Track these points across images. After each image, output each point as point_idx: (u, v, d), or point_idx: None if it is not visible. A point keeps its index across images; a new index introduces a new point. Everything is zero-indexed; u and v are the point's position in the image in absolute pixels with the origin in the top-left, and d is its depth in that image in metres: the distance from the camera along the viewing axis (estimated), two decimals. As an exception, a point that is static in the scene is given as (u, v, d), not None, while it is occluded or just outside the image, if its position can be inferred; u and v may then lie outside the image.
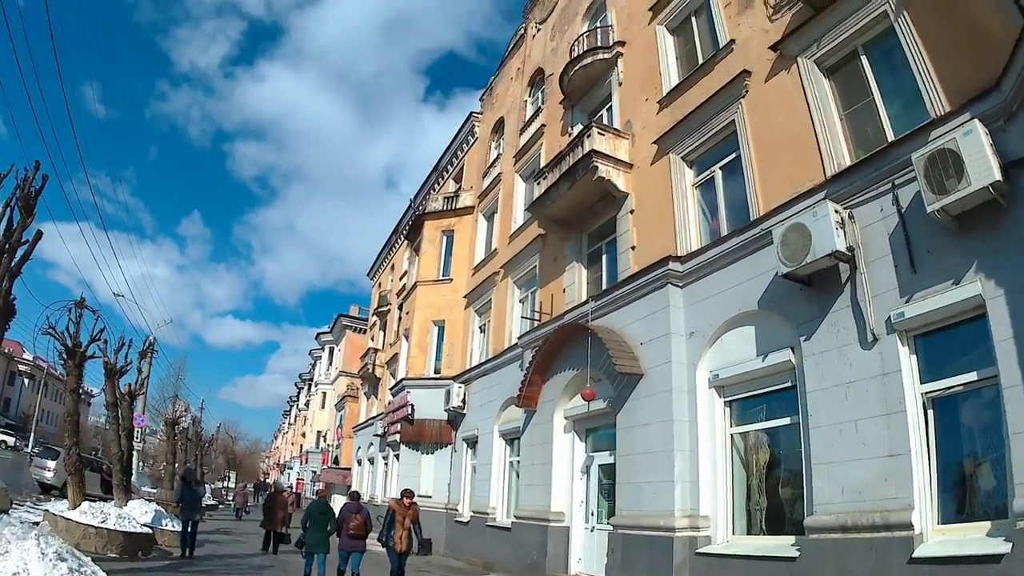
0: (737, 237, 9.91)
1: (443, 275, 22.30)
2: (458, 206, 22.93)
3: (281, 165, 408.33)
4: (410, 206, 30.46)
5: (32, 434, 48.04)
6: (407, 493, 10.25)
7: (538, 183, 15.17)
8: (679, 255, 11.03)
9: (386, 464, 28.16)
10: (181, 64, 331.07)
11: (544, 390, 14.10)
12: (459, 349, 20.81)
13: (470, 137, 24.68)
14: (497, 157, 21.57)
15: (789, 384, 8.71)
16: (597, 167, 12.97)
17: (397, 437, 20.85)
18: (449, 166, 26.56)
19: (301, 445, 60.27)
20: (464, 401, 19.08)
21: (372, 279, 39.53)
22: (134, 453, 30.28)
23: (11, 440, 41.68)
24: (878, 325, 7.46)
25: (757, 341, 9.38)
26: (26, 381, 68.43)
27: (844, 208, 8.00)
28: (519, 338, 16.08)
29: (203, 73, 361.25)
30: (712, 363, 10.10)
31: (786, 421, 8.78)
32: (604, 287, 13.14)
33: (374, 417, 30.93)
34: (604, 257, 14.10)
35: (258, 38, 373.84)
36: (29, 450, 36.38)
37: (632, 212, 12.91)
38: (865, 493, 7.20)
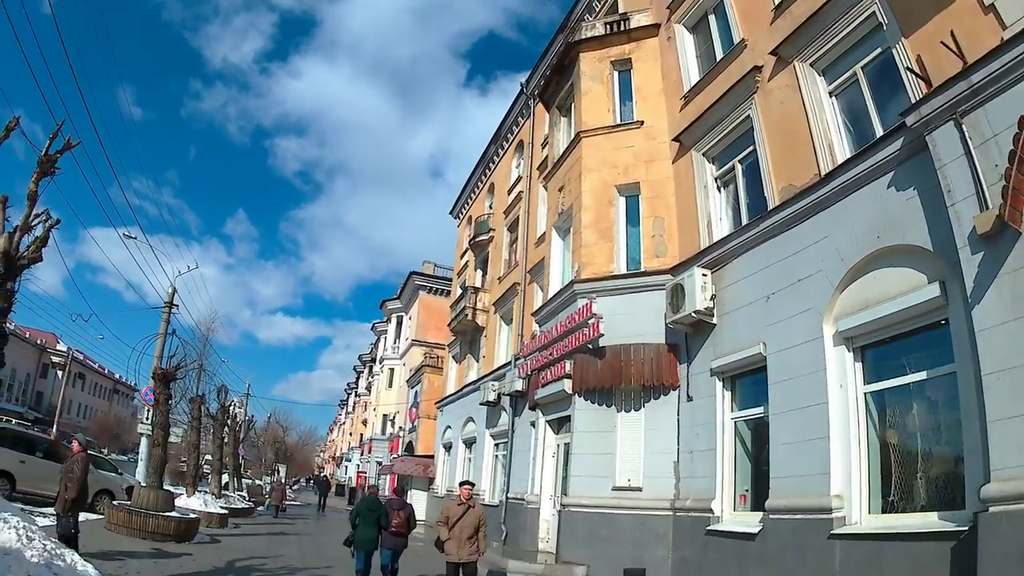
0: None
1: (622, 120, 13.45)
2: (633, 27, 14.07)
3: (324, 159, 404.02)
4: (521, 91, 21.82)
5: (55, 427, 41.29)
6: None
7: None
8: None
9: (502, 446, 19.55)
10: (214, 61, 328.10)
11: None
12: (673, 224, 11.95)
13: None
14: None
15: None
16: None
17: (566, 386, 12.04)
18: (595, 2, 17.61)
19: (361, 435, 52.27)
20: (714, 301, 10.22)
21: (457, 217, 31.08)
22: (143, 438, 21.57)
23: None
24: None
25: None
26: (59, 373, 62.50)
27: None
28: (922, 101, 7.11)
29: (237, 69, 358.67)
30: None
31: None
32: None
33: (475, 382, 22.40)
34: None
35: (290, 31, 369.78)
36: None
37: None
38: None
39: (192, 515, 13.73)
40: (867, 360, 8.03)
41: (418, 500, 27.00)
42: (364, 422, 52.45)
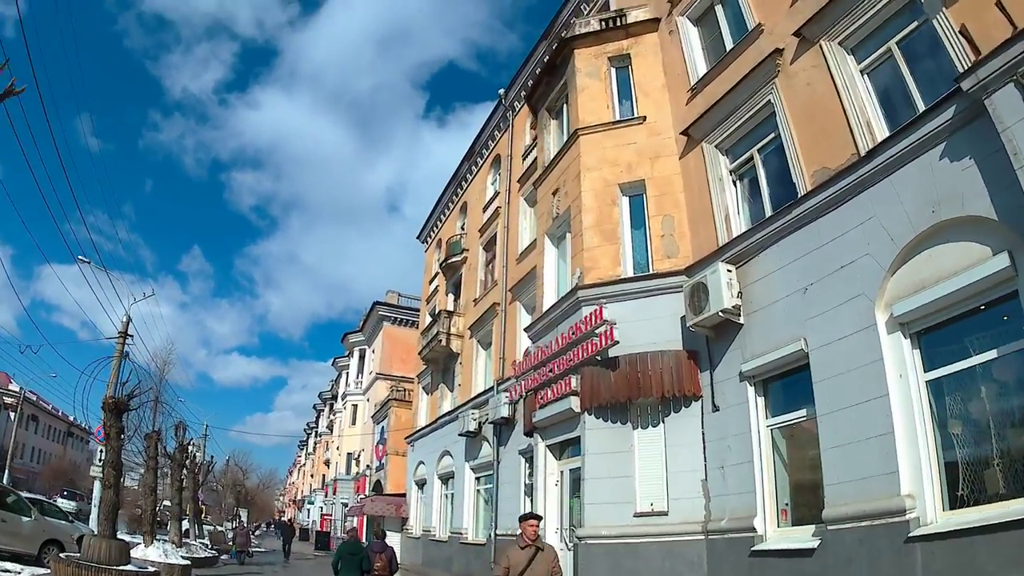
0: None
1: (622, 116, 12.67)
2: (630, 22, 13.44)
3: (280, 194, 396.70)
4: (499, 104, 21.06)
5: (6, 472, 38.21)
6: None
7: None
8: None
9: (484, 479, 18.29)
10: (173, 91, 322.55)
11: None
12: (684, 223, 11.10)
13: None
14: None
15: None
16: None
17: (573, 403, 10.90)
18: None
19: (324, 476, 49.73)
20: (740, 298, 9.31)
21: (425, 241, 29.96)
22: (96, 482, 19.56)
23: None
24: None
25: None
26: (11, 415, 58.74)
27: None
28: (978, 64, 6.46)
29: (196, 100, 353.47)
30: None
31: None
32: None
33: (452, 412, 21.12)
34: None
35: (251, 61, 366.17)
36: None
37: None
38: None
39: (151, 568, 11.97)
40: (925, 345, 7.26)
41: (391, 542, 25.27)
42: (326, 462, 50.06)
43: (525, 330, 14.59)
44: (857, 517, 7.07)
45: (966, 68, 6.81)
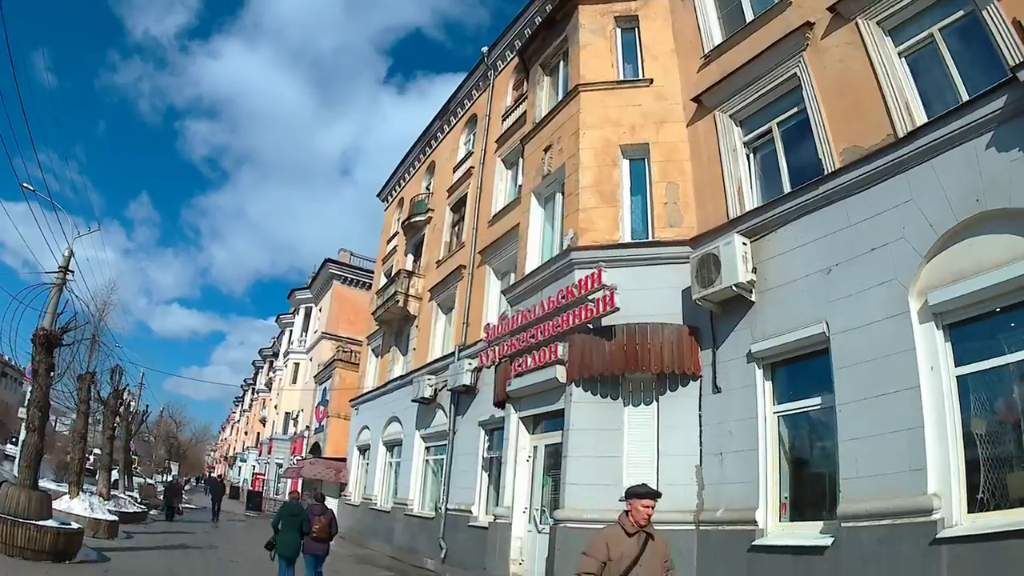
0: None
1: (627, 77, 11.93)
2: (638, -18, 12.67)
3: (233, 147, 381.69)
4: (481, 61, 19.93)
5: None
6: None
7: None
8: None
9: (435, 449, 17.57)
10: (135, 33, 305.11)
11: None
12: (689, 192, 10.49)
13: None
14: None
15: None
16: None
17: (559, 373, 10.23)
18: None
19: (259, 434, 48.06)
20: (755, 273, 8.77)
21: (386, 200, 28.68)
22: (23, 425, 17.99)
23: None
24: None
25: None
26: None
27: None
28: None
29: (156, 44, 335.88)
30: None
31: None
32: None
33: (404, 376, 20.23)
34: None
35: (216, 9, 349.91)
36: None
37: None
38: None
39: (74, 524, 10.82)
40: (957, 339, 6.87)
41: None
42: (262, 420, 48.38)
43: (503, 292, 13.81)
44: (877, 515, 6.64)
45: (1019, 62, 6.43)
